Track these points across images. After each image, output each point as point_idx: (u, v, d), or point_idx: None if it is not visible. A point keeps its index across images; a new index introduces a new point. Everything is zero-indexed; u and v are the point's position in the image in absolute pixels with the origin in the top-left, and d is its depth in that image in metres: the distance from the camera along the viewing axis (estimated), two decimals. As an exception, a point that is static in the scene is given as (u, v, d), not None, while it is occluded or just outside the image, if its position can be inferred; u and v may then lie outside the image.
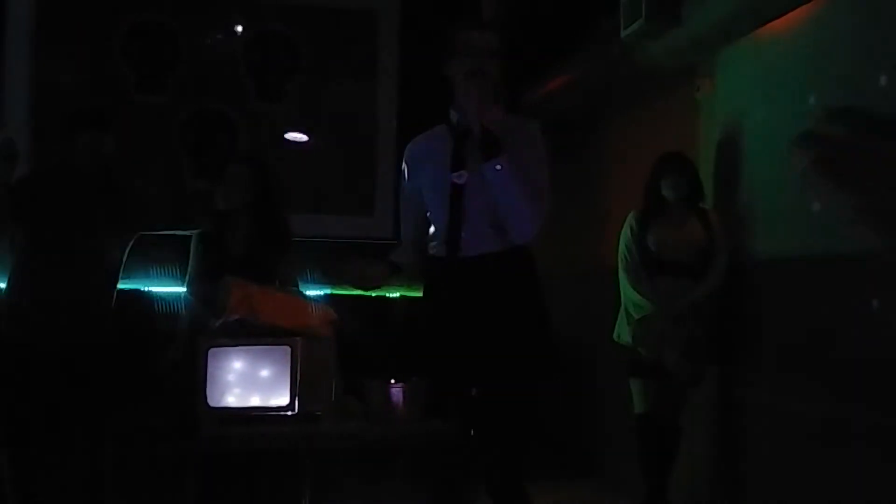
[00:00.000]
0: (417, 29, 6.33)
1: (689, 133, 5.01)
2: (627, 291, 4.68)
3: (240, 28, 6.22)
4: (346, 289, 4.06)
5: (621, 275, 4.70)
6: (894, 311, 3.45)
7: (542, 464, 5.72)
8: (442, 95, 6.16)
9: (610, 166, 6.06)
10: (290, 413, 3.50)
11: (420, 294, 3.33)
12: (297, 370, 3.49)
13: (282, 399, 3.49)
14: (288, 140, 6.28)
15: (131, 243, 4.13)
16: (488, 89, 3.13)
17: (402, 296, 6.03)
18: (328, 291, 5.48)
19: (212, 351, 3.44)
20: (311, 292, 4.99)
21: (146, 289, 5.60)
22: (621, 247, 4.71)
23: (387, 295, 6.02)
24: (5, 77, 5.76)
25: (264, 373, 3.52)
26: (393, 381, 3.89)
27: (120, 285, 4.15)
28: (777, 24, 4.22)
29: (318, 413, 3.56)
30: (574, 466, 6.15)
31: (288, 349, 3.49)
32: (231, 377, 3.48)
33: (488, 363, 3.05)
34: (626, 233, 4.71)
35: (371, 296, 5.93)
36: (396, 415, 3.81)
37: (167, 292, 5.48)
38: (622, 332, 4.73)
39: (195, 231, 4.27)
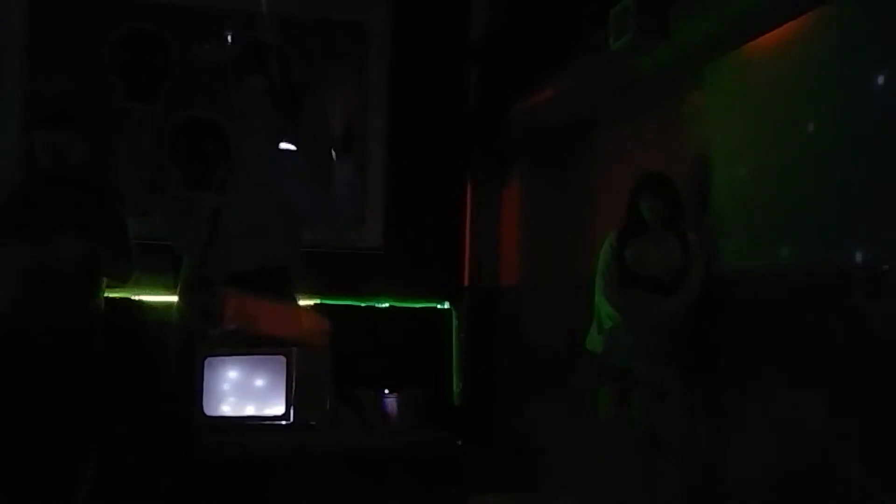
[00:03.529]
0: (407, 41, 6.37)
1: (676, 148, 5.06)
2: (601, 302, 4.78)
3: (230, 37, 6.23)
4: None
5: (597, 285, 4.79)
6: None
7: (515, 475, 5.79)
8: (432, 107, 6.26)
9: (595, 181, 6.11)
10: (284, 423, 3.52)
11: None
12: (293, 380, 3.51)
13: (277, 409, 3.51)
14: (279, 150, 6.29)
15: (121, 248, 4.12)
16: None
17: (391, 306, 6.07)
18: (320, 301, 5.50)
19: (208, 360, 3.45)
20: (304, 302, 5.01)
21: (136, 298, 5.59)
22: (600, 260, 4.81)
23: (376, 305, 6.06)
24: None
25: (259, 382, 3.53)
26: (387, 391, 3.92)
27: (110, 293, 4.15)
28: (765, 39, 4.29)
29: (313, 423, 3.58)
30: (542, 477, 6.17)
31: (283, 359, 3.51)
32: (226, 386, 3.49)
33: None
34: (605, 247, 4.81)
35: (361, 306, 6.01)
36: (391, 425, 3.84)
37: (158, 301, 5.48)
38: (593, 342, 4.80)
39: None
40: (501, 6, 6.53)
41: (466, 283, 6.63)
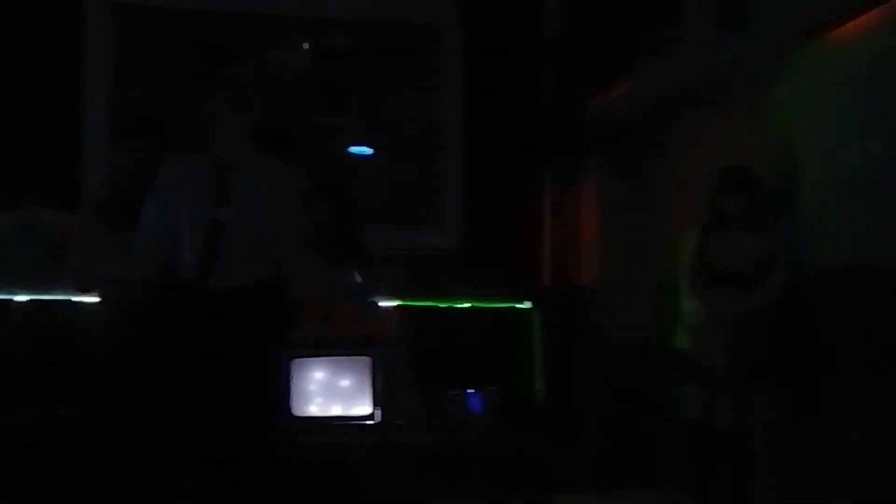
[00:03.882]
0: (481, 41, 6.37)
1: (758, 141, 4.98)
2: (684, 299, 4.72)
3: (306, 45, 6.30)
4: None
5: (680, 282, 4.73)
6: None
7: (596, 473, 5.75)
8: (508, 105, 6.25)
9: (674, 176, 6.04)
10: (371, 422, 3.56)
11: None
12: (378, 380, 3.54)
13: (363, 409, 3.55)
14: (352, 153, 6.35)
15: None
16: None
17: (471, 306, 6.06)
18: (400, 303, 5.53)
19: (295, 362, 3.51)
20: (385, 304, 5.04)
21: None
22: (682, 256, 4.74)
23: (457, 306, 6.05)
24: (86, 97, 5.90)
25: (345, 383, 3.58)
26: (469, 390, 3.94)
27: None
28: (847, 27, 4.19)
29: (399, 422, 3.61)
30: (630, 475, 6.11)
31: (369, 360, 3.55)
32: (313, 387, 3.54)
33: None
34: (687, 243, 4.73)
35: (442, 307, 6.03)
36: (473, 424, 3.85)
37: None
38: (678, 339, 4.76)
39: None
40: (574, 1, 6.49)
41: (546, 282, 6.60)
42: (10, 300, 5.23)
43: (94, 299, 3.98)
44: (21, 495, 4.53)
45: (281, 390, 3.47)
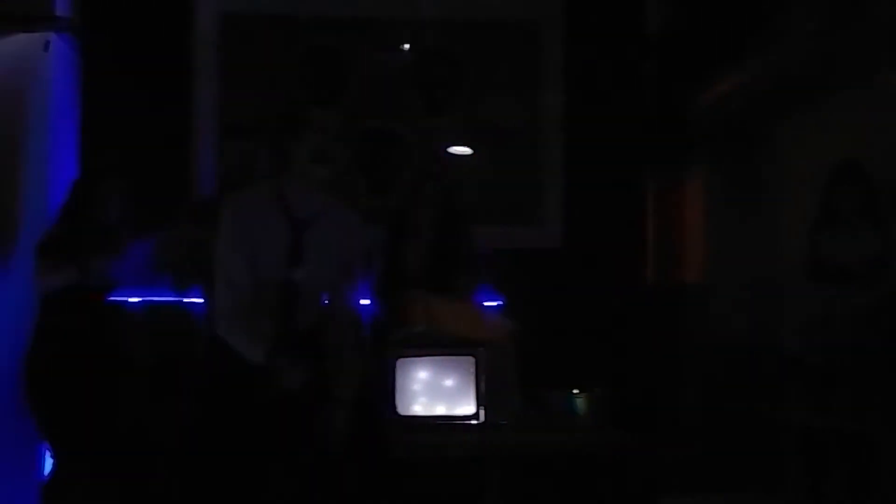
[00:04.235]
0: (582, 37, 6.32)
1: (869, 136, 4.84)
2: (795, 296, 4.70)
3: (406, 46, 6.34)
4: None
5: (791, 280, 4.65)
6: None
7: (703, 475, 5.65)
8: (610, 102, 6.18)
9: (783, 171, 5.91)
10: (475, 422, 3.56)
11: None
12: (482, 380, 3.54)
13: (467, 408, 3.56)
14: (452, 153, 6.37)
15: None
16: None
17: (573, 305, 6.02)
18: (502, 301, 5.52)
19: (399, 361, 3.54)
20: (487, 303, 5.05)
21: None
22: (793, 253, 4.66)
23: (559, 305, 6.02)
24: (195, 104, 6.04)
25: (449, 382, 3.59)
26: (574, 391, 3.91)
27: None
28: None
29: (503, 422, 3.60)
30: (738, 478, 6.01)
31: (472, 359, 3.56)
32: (417, 387, 3.56)
33: None
34: (799, 240, 4.64)
35: (543, 306, 6.00)
36: (578, 424, 3.82)
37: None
38: (789, 337, 4.69)
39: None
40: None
41: (650, 281, 6.52)
42: (126, 301, 5.41)
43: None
44: (140, 494, 4.68)
45: (386, 390, 3.51)
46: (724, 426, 5.85)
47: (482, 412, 3.57)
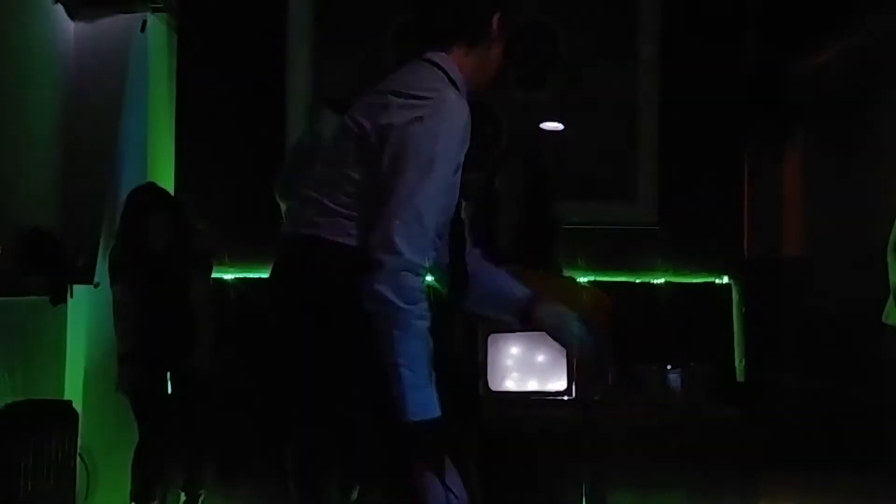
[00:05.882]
0: (680, 6, 6.19)
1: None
2: (893, 274, 4.51)
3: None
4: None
5: (890, 257, 4.50)
6: None
7: (803, 452, 5.54)
8: (707, 73, 6.05)
9: (881, 144, 5.73)
10: (567, 398, 3.54)
11: None
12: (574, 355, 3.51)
13: (559, 384, 3.54)
14: (546, 128, 6.32)
15: None
16: None
17: (667, 281, 5.95)
18: (594, 278, 5.48)
19: (492, 336, 3.53)
20: (580, 279, 5.01)
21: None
22: (894, 230, 4.50)
23: (652, 281, 5.95)
24: (288, 79, 6.10)
25: (541, 358, 3.57)
26: (669, 366, 3.86)
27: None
28: None
29: (596, 398, 3.58)
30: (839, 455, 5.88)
31: (566, 335, 3.53)
32: (510, 362, 3.55)
33: None
34: None
35: (637, 282, 5.95)
36: (674, 401, 3.78)
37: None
38: (891, 315, 4.53)
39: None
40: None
41: (748, 255, 6.40)
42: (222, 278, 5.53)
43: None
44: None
45: (478, 365, 3.51)
46: (826, 403, 5.74)
47: (574, 387, 3.55)
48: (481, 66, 2.61)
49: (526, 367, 3.58)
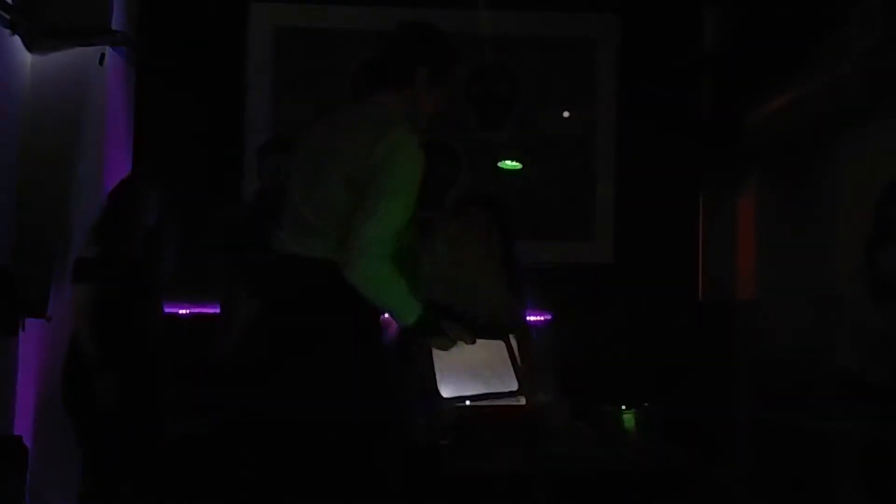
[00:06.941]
0: (637, 53, 6.30)
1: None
2: (851, 314, 4.59)
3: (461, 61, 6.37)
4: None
5: (847, 297, 4.61)
6: None
7: (753, 492, 5.57)
8: (662, 118, 6.14)
9: (837, 189, 5.82)
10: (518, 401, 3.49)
11: None
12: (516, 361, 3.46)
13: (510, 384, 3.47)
14: (503, 168, 6.38)
15: None
16: None
17: (625, 320, 5.98)
18: (552, 316, 5.50)
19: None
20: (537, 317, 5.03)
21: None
22: (849, 270, 4.60)
23: (610, 320, 5.98)
24: (248, 120, 6.13)
25: (487, 364, 3.51)
26: (624, 406, 3.87)
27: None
28: None
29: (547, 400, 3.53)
30: (793, 496, 5.91)
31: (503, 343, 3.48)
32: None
33: None
34: (854, 257, 4.58)
35: (594, 321, 5.98)
36: (629, 440, 3.79)
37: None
38: (845, 355, 4.60)
39: None
40: (734, 12, 6.34)
41: (702, 297, 6.46)
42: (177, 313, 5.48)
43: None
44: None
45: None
46: (780, 442, 5.77)
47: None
48: (419, 107, 3.00)
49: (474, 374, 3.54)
